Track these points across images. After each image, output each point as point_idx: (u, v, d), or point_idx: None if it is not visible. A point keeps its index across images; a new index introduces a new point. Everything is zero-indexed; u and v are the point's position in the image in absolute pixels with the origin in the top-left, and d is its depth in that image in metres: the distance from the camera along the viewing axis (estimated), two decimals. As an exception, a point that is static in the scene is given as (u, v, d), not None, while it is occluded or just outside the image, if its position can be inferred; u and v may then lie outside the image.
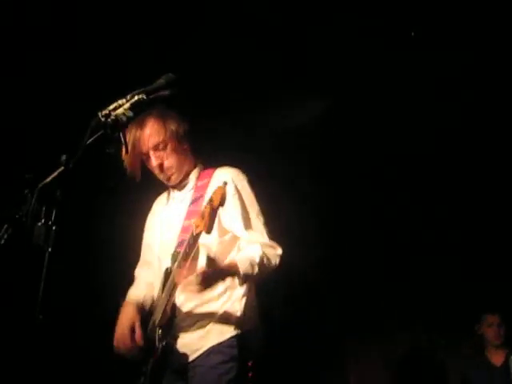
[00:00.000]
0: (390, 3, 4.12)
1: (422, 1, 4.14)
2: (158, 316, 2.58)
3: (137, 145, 2.73)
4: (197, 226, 2.29)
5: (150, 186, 3.00)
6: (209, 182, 2.74)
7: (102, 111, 2.08)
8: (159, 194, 3.07)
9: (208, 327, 2.60)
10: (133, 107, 2.14)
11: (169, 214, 2.87)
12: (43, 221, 1.85)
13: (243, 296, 2.65)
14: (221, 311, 2.61)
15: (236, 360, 2.53)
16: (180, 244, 2.61)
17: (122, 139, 2.24)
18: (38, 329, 1.76)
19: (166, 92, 2.27)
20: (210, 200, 2.26)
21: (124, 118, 2.10)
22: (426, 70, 4.54)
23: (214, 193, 2.25)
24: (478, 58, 4.41)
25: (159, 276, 2.70)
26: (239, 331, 2.59)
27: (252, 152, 4.46)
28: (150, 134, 2.72)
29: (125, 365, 2.66)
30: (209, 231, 2.25)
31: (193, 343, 2.60)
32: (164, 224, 2.86)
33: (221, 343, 2.56)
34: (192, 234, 2.34)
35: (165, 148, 2.73)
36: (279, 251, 2.61)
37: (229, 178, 2.62)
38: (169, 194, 2.95)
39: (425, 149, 5.04)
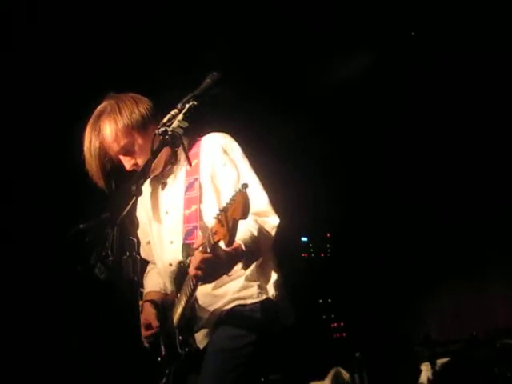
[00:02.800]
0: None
1: None
2: (176, 316, 2.42)
3: (100, 152, 2.47)
4: (215, 233, 2.00)
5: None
6: (199, 158, 2.48)
7: (158, 129, 2.10)
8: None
9: (226, 298, 2.37)
10: (186, 116, 2.15)
11: (166, 201, 2.58)
12: (128, 253, 1.96)
13: (261, 262, 2.42)
14: (238, 284, 2.38)
15: (258, 327, 2.32)
16: (188, 235, 2.41)
17: (183, 151, 2.28)
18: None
19: (215, 91, 2.26)
20: (230, 207, 1.93)
21: (181, 131, 2.11)
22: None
23: (234, 201, 1.92)
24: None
25: (164, 269, 2.54)
26: (265, 296, 2.37)
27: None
28: (109, 139, 2.44)
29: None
30: (231, 244, 1.99)
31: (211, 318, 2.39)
32: (163, 212, 2.57)
33: (241, 306, 2.34)
34: (209, 240, 2.04)
35: (132, 147, 2.45)
36: (276, 221, 2.35)
37: (215, 145, 2.47)
38: (160, 179, 2.62)
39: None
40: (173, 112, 2.14)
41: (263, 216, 2.34)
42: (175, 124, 2.11)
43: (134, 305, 2.01)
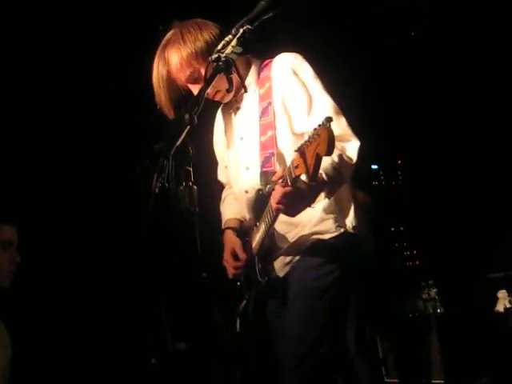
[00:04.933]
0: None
1: None
2: (256, 245, 2.42)
3: (168, 82, 2.45)
4: (296, 167, 1.95)
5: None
6: (270, 81, 2.39)
7: (211, 56, 2.05)
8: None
9: (305, 231, 2.33)
10: (240, 41, 2.07)
11: (240, 127, 2.52)
12: (184, 183, 1.95)
13: (339, 194, 2.31)
14: (316, 216, 2.32)
15: (339, 260, 2.29)
16: (265, 162, 2.35)
17: (238, 76, 2.21)
18: (203, 286, 1.95)
19: (270, 14, 2.16)
20: (314, 141, 1.87)
21: (235, 57, 2.05)
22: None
23: (319, 135, 1.85)
24: None
25: (241, 196, 2.52)
26: (343, 230, 2.32)
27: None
28: (175, 69, 2.40)
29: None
30: (313, 179, 1.95)
31: (289, 251, 2.37)
32: (237, 137, 2.53)
33: (320, 241, 2.30)
34: (291, 174, 1.99)
35: (200, 74, 2.38)
36: (357, 144, 2.22)
37: (285, 66, 2.36)
38: (233, 105, 2.55)
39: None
40: (227, 38, 2.08)
41: (343, 141, 2.22)
42: (229, 50, 2.05)
43: (193, 235, 2.00)
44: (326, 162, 2.08)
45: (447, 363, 4.21)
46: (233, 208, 2.72)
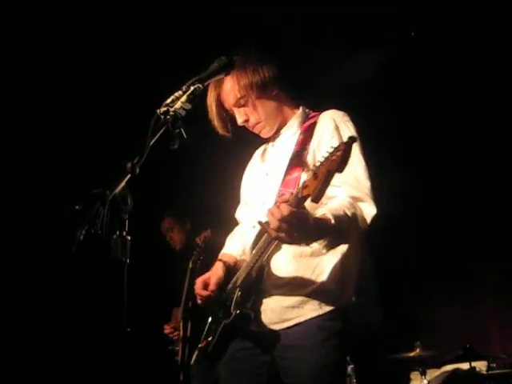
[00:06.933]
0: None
1: None
2: (242, 275, 2.33)
3: (217, 104, 2.54)
4: (305, 187, 1.88)
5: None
6: (313, 131, 2.43)
7: (159, 108, 2.06)
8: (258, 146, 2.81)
9: (302, 297, 2.26)
10: (190, 99, 2.11)
11: (270, 164, 2.58)
12: (118, 232, 1.91)
13: (347, 260, 2.30)
14: (319, 279, 2.27)
15: (341, 336, 2.24)
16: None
17: (184, 134, 2.24)
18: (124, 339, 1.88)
19: (222, 75, 2.22)
20: (331, 157, 1.80)
21: (183, 112, 2.07)
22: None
23: (337, 151, 1.78)
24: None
25: (248, 231, 2.48)
26: (343, 303, 2.28)
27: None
28: (226, 91, 2.49)
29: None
30: (317, 200, 1.85)
31: (281, 311, 2.28)
32: (263, 173, 2.58)
33: (320, 316, 2.24)
34: (297, 194, 1.92)
35: (246, 103, 2.48)
36: (373, 210, 2.21)
37: (331, 120, 2.40)
38: (270, 143, 2.66)
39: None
40: (177, 94, 2.12)
41: (361, 201, 2.22)
42: (178, 105, 2.08)
43: (122, 286, 1.94)
44: (338, 211, 2.09)
45: None
46: (234, 243, 2.70)
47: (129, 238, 1.91)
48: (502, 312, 5.06)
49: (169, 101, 2.10)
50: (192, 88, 2.12)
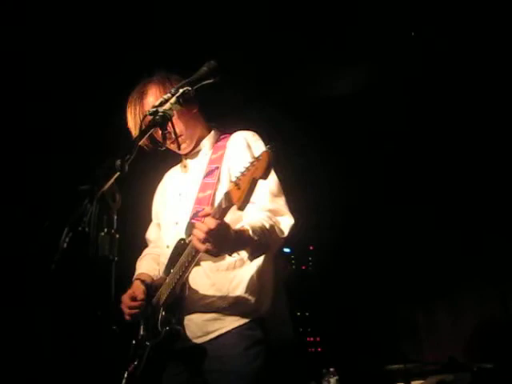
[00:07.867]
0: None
1: None
2: (164, 293, 2.35)
3: (140, 116, 2.49)
4: (228, 198, 1.95)
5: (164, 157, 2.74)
6: (224, 150, 2.51)
7: (149, 110, 2.08)
8: (171, 166, 2.84)
9: (222, 309, 2.33)
10: (179, 100, 2.13)
11: (182, 184, 2.62)
12: (106, 230, 1.91)
13: (262, 272, 2.38)
14: (237, 291, 2.34)
15: (262, 344, 2.28)
16: (195, 215, 2.39)
17: (173, 134, 2.28)
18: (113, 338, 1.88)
19: (211, 80, 2.25)
20: (254, 166, 1.87)
21: (172, 113, 2.10)
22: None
23: (259, 160, 1.84)
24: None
25: (162, 252, 2.54)
26: (261, 313, 2.34)
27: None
28: (151, 103, 2.45)
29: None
30: (242, 207, 1.90)
31: (204, 325, 2.34)
32: (176, 193, 2.61)
33: (241, 326, 2.30)
34: (220, 205, 1.98)
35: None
36: (291, 221, 2.33)
37: (242, 139, 2.50)
38: (182, 163, 2.69)
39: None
40: (165, 96, 2.15)
41: (278, 215, 2.34)
42: (167, 106, 2.11)
43: (108, 283, 1.94)
44: (256, 223, 2.17)
45: None
46: (148, 265, 2.71)
47: (117, 235, 1.91)
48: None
49: (157, 103, 2.13)
50: (181, 90, 2.15)
